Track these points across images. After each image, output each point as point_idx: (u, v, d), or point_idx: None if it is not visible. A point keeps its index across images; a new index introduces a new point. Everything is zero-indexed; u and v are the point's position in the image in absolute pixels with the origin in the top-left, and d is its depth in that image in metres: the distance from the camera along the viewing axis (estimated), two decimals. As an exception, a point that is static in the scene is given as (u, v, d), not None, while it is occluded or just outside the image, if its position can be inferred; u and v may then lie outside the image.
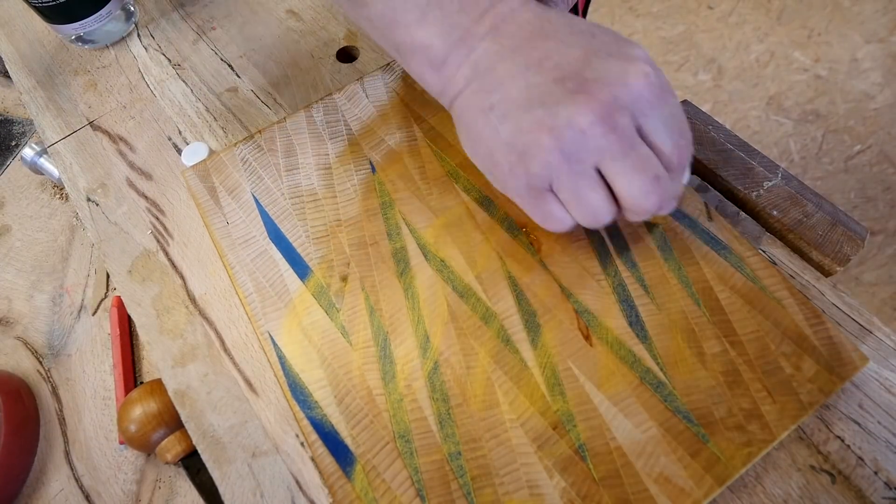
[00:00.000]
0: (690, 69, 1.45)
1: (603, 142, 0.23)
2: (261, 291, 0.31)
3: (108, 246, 0.35)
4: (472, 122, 0.25)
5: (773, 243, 0.31)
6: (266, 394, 0.29)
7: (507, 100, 0.24)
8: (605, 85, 0.23)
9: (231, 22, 0.46)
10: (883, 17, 1.46)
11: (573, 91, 0.23)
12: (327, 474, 0.26)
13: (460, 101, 0.26)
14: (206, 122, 0.40)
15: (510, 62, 0.24)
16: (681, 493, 0.24)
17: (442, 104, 0.28)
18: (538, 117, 0.23)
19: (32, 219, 0.45)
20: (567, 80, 0.23)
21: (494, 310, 0.29)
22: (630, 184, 0.24)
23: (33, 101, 0.43)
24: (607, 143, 0.23)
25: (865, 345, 0.28)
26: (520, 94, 0.24)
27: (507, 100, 0.24)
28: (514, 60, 0.24)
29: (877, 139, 1.27)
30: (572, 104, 0.22)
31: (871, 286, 1.10)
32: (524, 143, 0.24)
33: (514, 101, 0.24)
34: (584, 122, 0.22)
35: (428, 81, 0.27)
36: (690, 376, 0.26)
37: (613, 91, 0.22)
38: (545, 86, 0.23)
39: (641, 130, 0.23)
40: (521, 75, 0.24)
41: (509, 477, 0.25)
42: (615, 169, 0.23)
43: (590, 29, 0.25)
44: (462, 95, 0.26)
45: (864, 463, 0.25)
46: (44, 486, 0.34)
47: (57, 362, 0.38)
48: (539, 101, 0.23)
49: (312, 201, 0.34)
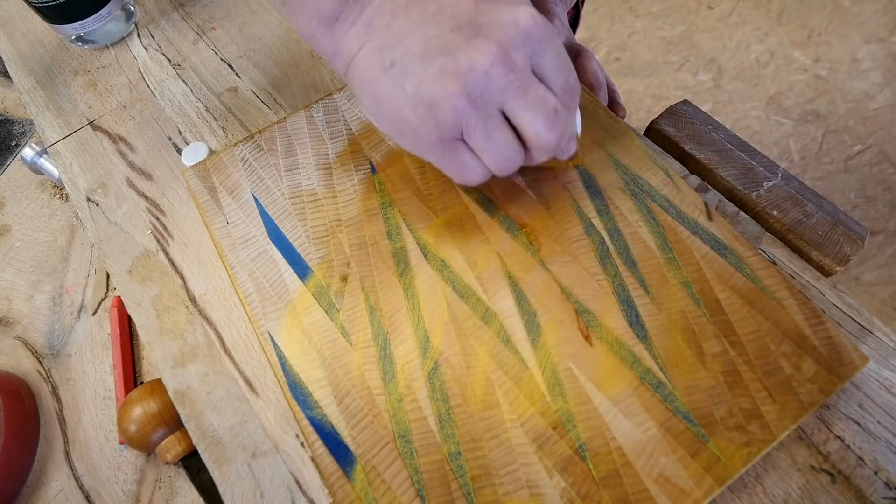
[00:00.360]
0: (690, 69, 1.45)
1: (504, 81, 0.24)
2: (261, 291, 0.31)
3: (108, 246, 0.35)
4: (374, 82, 0.25)
5: (773, 243, 0.31)
6: (266, 394, 0.29)
7: (407, 54, 0.24)
8: (498, 27, 0.24)
9: (231, 22, 0.46)
10: (883, 17, 1.46)
11: (470, 36, 0.24)
12: (327, 474, 0.26)
13: (357, 62, 0.26)
14: (206, 122, 0.40)
15: (404, 18, 0.25)
16: (681, 493, 0.24)
17: (335, 68, 0.28)
18: (441, 65, 0.24)
19: (32, 219, 0.45)
20: (463, 28, 0.24)
21: (494, 310, 0.29)
22: (533, 119, 0.25)
23: (33, 101, 0.43)
24: (508, 81, 0.24)
25: (865, 345, 0.28)
26: (419, 47, 0.24)
27: (408, 54, 0.24)
28: (408, 16, 0.25)
29: (877, 139, 1.27)
30: (472, 48, 0.23)
31: (871, 286, 1.10)
32: (431, 93, 0.24)
33: (415, 55, 0.24)
34: (485, 62, 0.23)
35: (319, 40, 0.27)
36: (690, 376, 0.26)
37: (507, 32, 0.23)
38: (443, 36, 0.24)
39: (535, 70, 0.25)
40: (417, 29, 0.24)
41: (509, 477, 0.25)
42: (518, 106, 0.24)
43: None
44: (359, 56, 0.26)
45: (864, 463, 0.25)
46: (44, 486, 0.34)
47: (57, 362, 0.38)
48: (439, 50, 0.24)
49: (312, 201, 0.34)
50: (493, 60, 0.23)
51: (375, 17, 0.25)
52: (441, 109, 0.24)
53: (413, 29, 0.24)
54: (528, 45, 0.24)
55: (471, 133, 0.25)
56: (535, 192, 0.32)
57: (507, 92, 0.24)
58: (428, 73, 0.24)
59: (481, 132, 0.25)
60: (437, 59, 0.24)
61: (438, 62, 0.24)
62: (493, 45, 0.23)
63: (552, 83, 0.25)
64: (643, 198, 0.31)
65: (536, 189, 0.33)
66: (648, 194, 0.32)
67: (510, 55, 0.23)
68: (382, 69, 0.25)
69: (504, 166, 0.26)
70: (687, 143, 0.35)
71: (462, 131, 0.25)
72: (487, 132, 0.25)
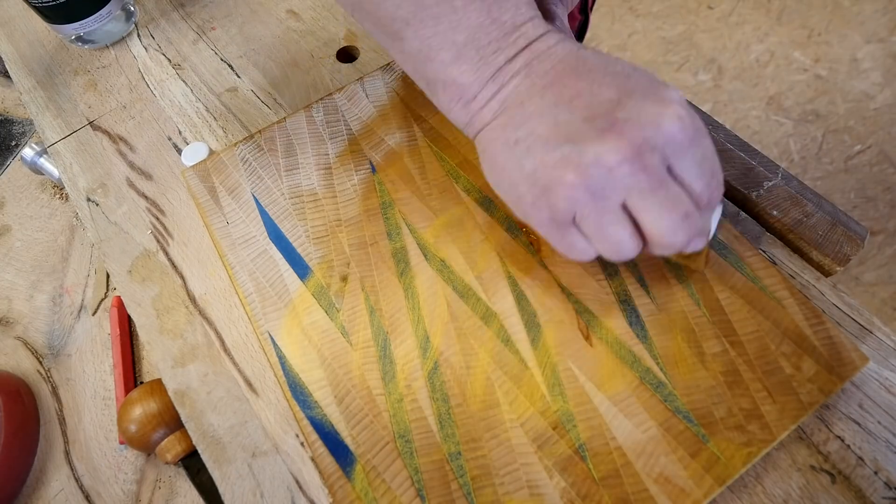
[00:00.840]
0: (690, 69, 1.45)
1: (631, 180, 0.22)
2: (261, 291, 0.31)
3: (108, 246, 0.35)
4: (496, 154, 0.25)
5: (773, 243, 0.31)
6: (266, 394, 0.29)
7: (533, 134, 0.24)
8: (636, 126, 0.22)
9: (231, 22, 0.46)
10: (883, 17, 1.46)
11: (602, 130, 0.22)
12: (327, 474, 0.26)
13: (485, 133, 0.26)
14: (206, 122, 0.40)
15: (539, 98, 0.24)
16: (681, 493, 0.24)
17: (467, 134, 0.28)
18: (564, 153, 0.23)
19: (32, 219, 0.45)
20: (597, 119, 0.23)
21: (494, 310, 0.29)
22: (658, 220, 0.23)
23: (33, 101, 0.43)
24: (635, 181, 0.22)
25: (865, 345, 0.28)
26: (547, 130, 0.23)
27: (533, 135, 0.24)
28: (543, 97, 0.24)
29: (877, 139, 1.27)
30: (600, 143, 0.22)
31: (871, 286, 1.10)
32: (548, 179, 0.23)
33: (541, 137, 0.23)
34: (612, 160, 0.22)
35: (455, 113, 0.27)
36: (690, 376, 0.26)
37: (645, 133, 0.22)
38: (574, 123, 0.23)
39: (672, 171, 0.23)
40: (549, 112, 0.24)
41: (509, 477, 0.25)
42: (642, 205, 0.23)
43: (625, 70, 0.24)
44: (488, 128, 0.26)
45: (864, 463, 0.25)
46: (44, 486, 0.34)
47: (57, 362, 0.38)
48: (566, 137, 0.23)
49: (312, 201, 0.34)
50: (620, 160, 0.22)
51: (511, 96, 0.25)
52: (556, 195, 0.23)
53: (545, 111, 0.24)
54: (667, 148, 0.22)
55: (584, 222, 0.24)
56: (535, 192, 0.32)
57: (631, 190, 0.23)
58: (550, 157, 0.23)
59: (595, 224, 0.24)
60: (562, 147, 0.23)
61: (562, 150, 0.23)
62: (624, 144, 0.22)
63: (690, 184, 0.23)
64: (643, 198, 0.31)
65: (536, 189, 0.33)
66: (648, 194, 0.32)
67: (642, 156, 0.22)
68: (506, 144, 0.24)
69: (615, 255, 0.25)
70: (687, 143, 0.35)
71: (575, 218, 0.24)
72: (601, 225, 0.24)
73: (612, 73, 0.24)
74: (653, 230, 0.23)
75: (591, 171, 0.22)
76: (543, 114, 0.24)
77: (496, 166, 0.26)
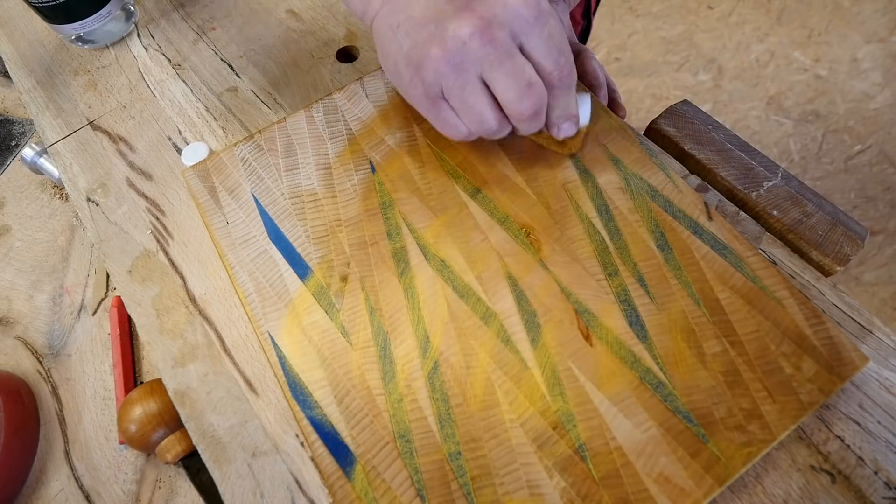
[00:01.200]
0: (690, 69, 1.45)
1: (481, 52, 0.26)
2: (261, 291, 0.31)
3: (108, 246, 0.35)
4: (383, 38, 0.29)
5: (773, 243, 0.31)
6: (266, 394, 0.29)
7: (409, 18, 0.28)
8: (487, 4, 0.26)
9: (231, 22, 0.46)
10: (883, 17, 1.46)
11: (459, 8, 0.27)
12: (327, 474, 0.26)
13: (376, 21, 0.30)
14: (206, 122, 0.40)
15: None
16: (681, 493, 0.24)
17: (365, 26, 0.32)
18: (430, 32, 0.27)
19: (32, 219, 0.45)
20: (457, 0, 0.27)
21: (494, 310, 0.29)
22: (506, 89, 0.27)
23: (33, 101, 0.43)
24: (485, 52, 0.26)
25: (865, 345, 0.28)
26: (419, 13, 0.28)
27: (410, 18, 0.28)
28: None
29: (877, 139, 1.27)
30: (456, 19, 0.26)
31: (871, 286, 1.10)
32: (419, 56, 0.27)
33: (414, 19, 0.28)
34: (464, 33, 0.26)
35: (354, 5, 0.32)
36: (690, 376, 0.26)
37: (494, 10, 0.26)
38: (440, 5, 0.27)
39: (523, 49, 0.27)
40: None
41: (509, 477, 0.25)
42: (493, 76, 0.27)
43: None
44: (379, 15, 0.30)
45: (864, 463, 0.25)
46: (44, 486, 0.34)
47: (57, 362, 0.38)
48: (432, 18, 0.27)
49: (312, 201, 0.34)
50: (471, 32, 0.26)
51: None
52: (425, 69, 0.27)
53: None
54: (514, 23, 0.26)
55: (449, 94, 0.28)
56: (535, 192, 0.32)
57: (483, 62, 0.26)
58: (420, 37, 0.27)
59: (458, 95, 0.28)
60: (429, 26, 0.27)
61: (429, 28, 0.27)
62: (475, 19, 0.26)
63: (539, 60, 0.27)
64: (643, 198, 0.31)
65: (536, 189, 0.33)
66: (648, 194, 0.32)
67: (490, 29, 0.26)
68: (390, 28, 0.29)
69: (479, 128, 0.29)
70: (687, 143, 0.35)
71: (443, 91, 0.28)
72: (464, 95, 0.27)
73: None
74: (503, 99, 0.27)
75: (449, 44, 0.26)
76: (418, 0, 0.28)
77: (383, 51, 0.30)
